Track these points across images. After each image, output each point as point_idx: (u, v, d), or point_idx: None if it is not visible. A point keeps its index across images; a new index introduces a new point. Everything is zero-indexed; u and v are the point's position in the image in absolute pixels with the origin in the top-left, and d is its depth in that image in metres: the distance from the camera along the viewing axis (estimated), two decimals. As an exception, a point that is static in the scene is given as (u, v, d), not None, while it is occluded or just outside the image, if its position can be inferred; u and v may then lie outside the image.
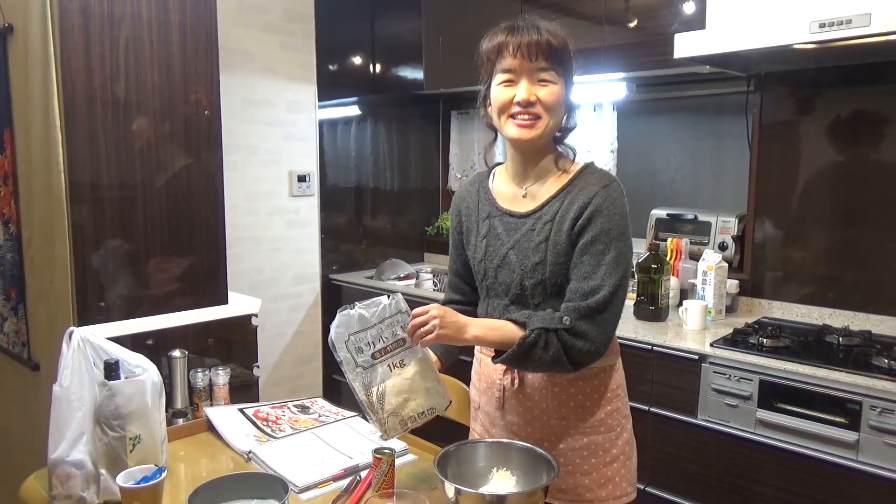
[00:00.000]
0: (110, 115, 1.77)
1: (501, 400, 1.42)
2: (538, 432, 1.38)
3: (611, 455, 1.39)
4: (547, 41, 1.28)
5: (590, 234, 1.29)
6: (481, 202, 1.45)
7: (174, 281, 1.94)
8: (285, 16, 3.02)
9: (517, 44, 1.28)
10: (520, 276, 1.35)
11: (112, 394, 1.33)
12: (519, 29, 1.30)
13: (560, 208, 1.33)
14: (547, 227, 1.33)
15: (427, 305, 1.28)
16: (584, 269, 1.29)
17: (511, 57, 1.29)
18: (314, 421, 1.71)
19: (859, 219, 2.28)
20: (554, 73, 1.30)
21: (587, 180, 1.34)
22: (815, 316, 2.37)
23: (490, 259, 1.40)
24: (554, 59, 1.29)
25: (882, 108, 2.21)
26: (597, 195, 1.30)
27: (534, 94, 1.29)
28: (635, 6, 2.53)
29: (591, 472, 1.37)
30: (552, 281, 1.32)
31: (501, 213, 1.41)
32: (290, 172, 3.13)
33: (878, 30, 1.69)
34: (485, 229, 1.42)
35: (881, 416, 1.76)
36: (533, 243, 1.34)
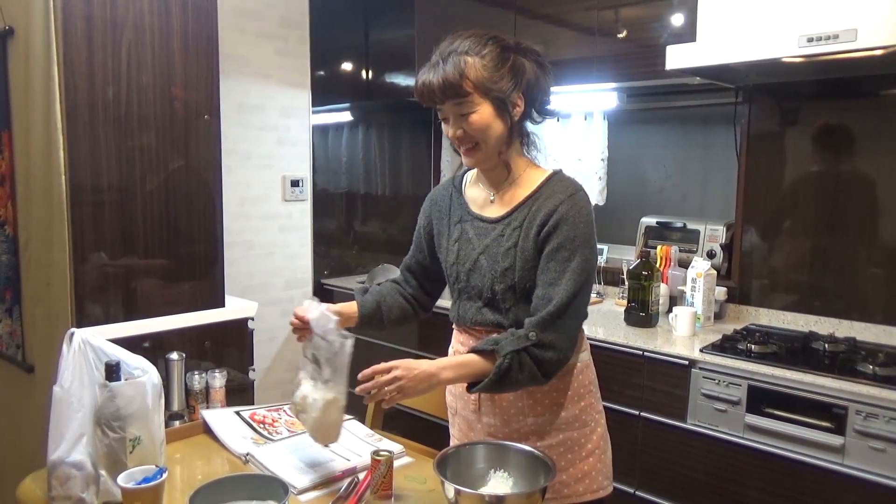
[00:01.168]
0: (111, 119, 1.78)
1: (478, 403, 1.44)
2: (515, 432, 1.41)
3: (586, 450, 1.42)
4: (438, 83, 1.28)
5: (555, 241, 1.31)
6: (453, 206, 1.49)
7: (172, 284, 1.95)
8: (280, 22, 3.03)
9: (421, 90, 1.32)
10: (490, 280, 1.37)
11: (112, 395, 1.33)
12: (424, 72, 1.32)
13: (528, 215, 1.36)
14: (515, 233, 1.37)
15: (388, 363, 1.27)
16: (549, 276, 1.31)
17: (429, 100, 1.33)
18: (310, 424, 1.71)
19: (843, 228, 2.34)
20: (468, 103, 1.29)
21: (554, 188, 1.37)
22: (800, 323, 2.42)
23: (462, 263, 1.43)
24: (453, 94, 1.28)
25: (866, 120, 2.27)
26: (563, 203, 1.33)
27: (460, 129, 1.32)
28: (626, 18, 2.58)
29: (568, 467, 1.41)
30: (521, 286, 1.35)
31: (473, 218, 1.44)
32: (283, 177, 3.14)
33: (863, 45, 1.74)
34: (456, 233, 1.45)
35: (866, 420, 1.80)
36: (502, 249, 1.37)
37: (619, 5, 2.59)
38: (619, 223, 2.97)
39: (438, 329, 2.85)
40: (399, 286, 1.62)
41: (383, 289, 1.59)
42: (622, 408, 2.24)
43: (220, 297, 2.06)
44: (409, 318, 1.60)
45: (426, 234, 1.56)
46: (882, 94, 2.24)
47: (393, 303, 1.57)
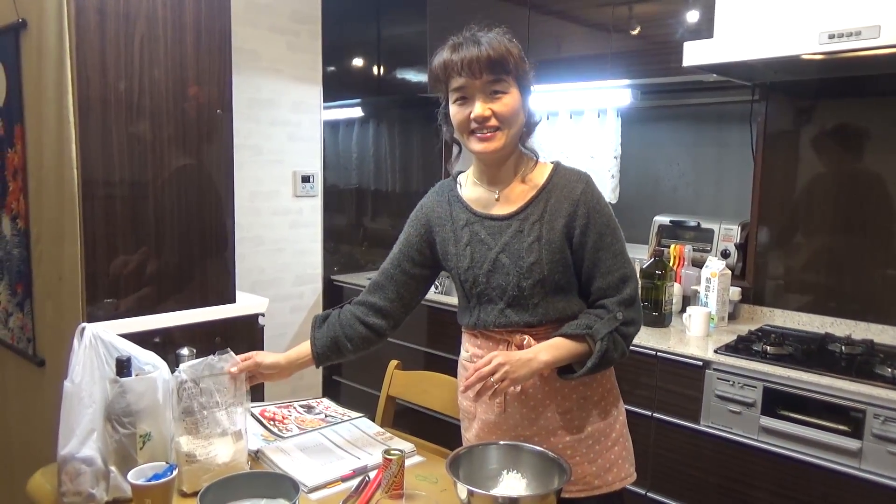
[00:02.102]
0: (123, 113, 1.78)
1: (503, 404, 1.41)
2: (543, 429, 1.39)
3: (611, 439, 1.42)
4: (487, 55, 1.29)
5: (595, 231, 1.34)
6: (455, 211, 1.45)
7: (183, 279, 1.94)
8: (292, 16, 3.02)
9: (459, 62, 1.30)
10: (516, 277, 1.35)
11: (123, 391, 1.33)
12: (460, 46, 1.32)
13: (547, 207, 1.36)
14: (536, 226, 1.36)
15: (488, 355, 1.30)
16: (606, 265, 1.35)
17: (458, 76, 1.31)
18: (320, 421, 1.71)
19: (861, 229, 2.30)
20: (505, 83, 1.31)
21: (566, 178, 1.38)
22: (816, 324, 2.39)
23: (478, 265, 1.39)
24: (500, 70, 1.30)
25: (887, 119, 2.23)
26: (583, 192, 1.36)
27: (488, 109, 1.31)
28: (641, 14, 2.55)
29: (597, 458, 1.40)
30: (551, 279, 1.35)
31: (481, 219, 1.41)
32: (294, 173, 3.13)
33: (887, 42, 1.70)
34: (466, 237, 1.41)
35: (884, 424, 1.77)
36: (525, 244, 1.35)
37: (634, 1, 2.56)
38: (632, 221, 2.94)
39: (449, 327, 2.85)
40: (358, 310, 1.51)
41: (342, 319, 1.51)
42: (634, 408, 2.22)
43: (230, 293, 2.05)
44: (372, 343, 1.52)
45: (421, 243, 1.49)
46: (903, 93, 2.21)
47: (352, 333, 1.49)
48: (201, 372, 1.38)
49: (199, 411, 1.36)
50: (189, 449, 1.34)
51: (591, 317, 1.35)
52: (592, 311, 1.37)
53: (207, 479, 1.28)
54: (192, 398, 1.36)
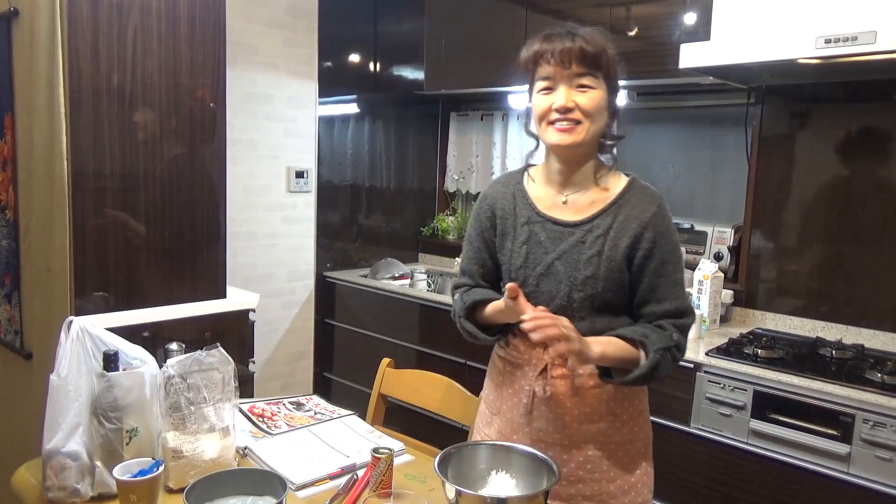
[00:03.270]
0: (115, 105, 1.76)
1: (529, 406, 1.37)
2: (567, 438, 1.35)
3: (635, 462, 1.38)
4: (580, 48, 1.26)
5: (659, 256, 1.31)
6: (518, 206, 1.40)
7: (173, 273, 1.93)
8: (289, 11, 3.01)
9: (551, 51, 1.28)
10: (568, 287, 1.32)
11: (110, 385, 1.31)
12: (554, 36, 1.30)
13: (613, 224, 1.32)
14: (599, 241, 1.32)
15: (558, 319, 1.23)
16: (662, 293, 1.32)
17: (546, 64, 1.29)
18: (310, 418, 1.70)
19: (854, 234, 2.31)
20: (593, 79, 1.28)
21: (639, 197, 1.34)
22: (807, 328, 2.39)
23: (531, 267, 1.36)
24: (590, 65, 1.27)
25: (882, 125, 2.24)
26: (655, 216, 1.32)
27: (572, 100, 1.28)
28: (638, 15, 2.55)
29: (616, 478, 1.36)
30: (602, 296, 1.31)
31: (543, 220, 1.37)
32: (288, 168, 3.12)
33: (883, 47, 1.70)
34: (524, 235, 1.38)
35: (873, 429, 1.77)
36: (584, 256, 1.31)
37: (631, 3, 2.56)
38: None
39: (442, 325, 2.84)
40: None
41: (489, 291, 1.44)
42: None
43: (221, 288, 2.04)
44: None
45: (492, 235, 1.44)
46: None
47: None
48: (189, 367, 1.37)
49: (187, 407, 1.35)
50: (176, 445, 1.33)
51: (647, 327, 1.31)
52: (649, 325, 1.32)
53: (194, 476, 1.27)
54: (179, 394, 1.34)
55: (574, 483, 1.35)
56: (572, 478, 1.35)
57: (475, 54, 3.05)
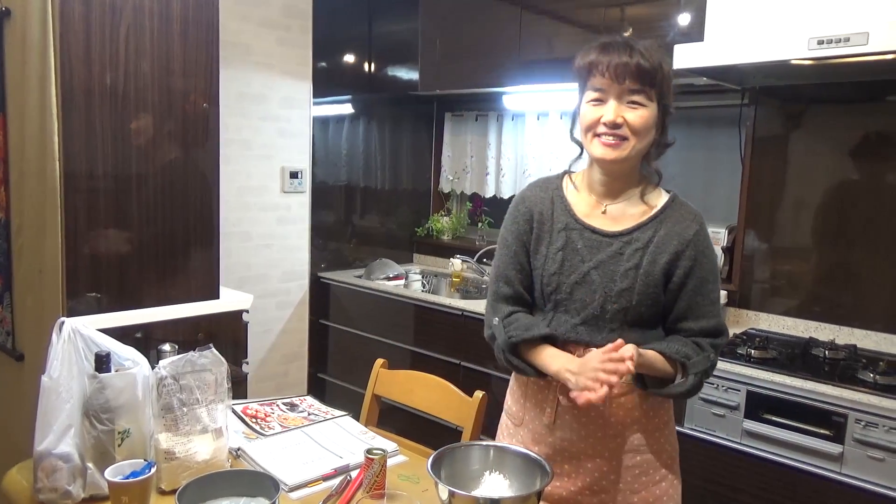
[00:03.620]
0: (108, 105, 1.76)
1: (553, 415, 1.35)
2: (591, 448, 1.33)
3: (660, 474, 1.36)
4: (637, 63, 1.24)
5: (699, 275, 1.31)
6: (556, 211, 1.38)
7: (166, 274, 1.92)
8: (283, 11, 3.00)
9: (606, 64, 1.26)
10: (602, 297, 1.30)
11: (102, 386, 1.31)
12: (611, 48, 1.27)
13: (654, 238, 1.31)
14: (638, 253, 1.31)
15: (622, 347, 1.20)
16: (701, 311, 1.32)
17: (600, 76, 1.27)
18: (303, 419, 1.70)
19: (847, 235, 2.32)
20: (644, 96, 1.27)
21: (680, 213, 1.34)
22: (801, 329, 2.40)
23: (566, 274, 1.33)
24: (645, 82, 1.26)
25: (875, 127, 2.25)
26: (697, 234, 1.32)
27: (621, 116, 1.26)
28: (632, 16, 2.55)
29: (641, 490, 1.34)
30: (636, 310, 1.30)
31: (582, 228, 1.35)
32: (282, 168, 3.11)
33: (875, 49, 1.71)
34: (560, 241, 1.35)
35: (865, 429, 1.78)
36: (621, 268, 1.30)
37: (626, 3, 2.56)
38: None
39: (436, 326, 2.84)
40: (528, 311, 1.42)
41: (532, 319, 1.39)
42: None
43: (214, 289, 2.03)
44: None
45: (529, 238, 1.39)
46: (889, 100, 2.22)
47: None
48: (182, 368, 1.36)
49: (179, 408, 1.34)
50: (168, 446, 1.32)
51: (688, 346, 1.30)
52: (688, 341, 1.31)
53: (186, 477, 1.27)
54: (171, 395, 1.34)
55: (597, 493, 1.34)
56: (596, 488, 1.34)
57: (470, 55, 3.05)
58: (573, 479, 1.35)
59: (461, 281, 3.33)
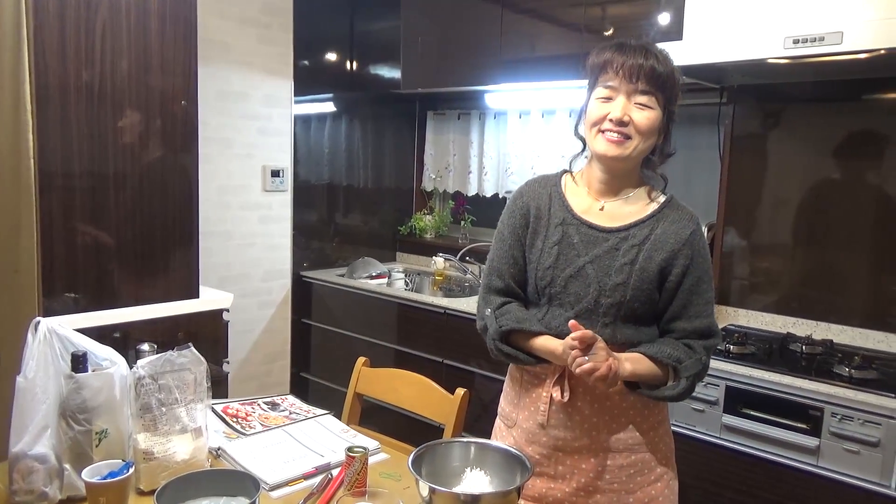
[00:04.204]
0: (84, 103, 1.74)
1: (547, 415, 1.36)
2: (585, 448, 1.34)
3: (655, 474, 1.37)
4: (651, 66, 1.27)
5: (695, 274, 1.32)
6: (554, 206, 1.40)
7: (145, 273, 1.91)
8: (263, 8, 2.99)
9: (621, 63, 1.28)
10: (597, 291, 1.32)
11: (79, 386, 1.29)
12: (627, 49, 1.29)
13: (651, 236, 1.33)
14: (634, 250, 1.32)
15: (601, 351, 1.22)
16: (695, 310, 1.33)
17: (613, 74, 1.29)
18: (285, 418, 1.69)
19: (824, 232, 2.35)
20: (653, 99, 1.29)
21: (678, 213, 1.36)
22: (779, 324, 2.43)
23: (561, 267, 1.35)
24: (655, 85, 1.28)
25: (852, 125, 2.28)
26: (694, 234, 1.34)
27: (628, 115, 1.28)
28: (613, 15, 2.57)
29: (636, 490, 1.35)
30: (630, 305, 1.31)
31: (579, 223, 1.36)
32: (263, 167, 3.10)
33: (849, 48, 1.74)
34: (557, 236, 1.37)
35: (841, 422, 1.81)
36: (617, 263, 1.32)
37: (607, 2, 2.58)
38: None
39: (419, 324, 2.84)
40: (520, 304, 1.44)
41: (530, 313, 1.40)
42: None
43: (194, 288, 2.02)
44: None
45: (525, 233, 1.41)
46: (865, 99, 2.25)
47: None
48: (161, 368, 1.35)
49: (158, 408, 1.33)
50: (147, 446, 1.31)
51: (679, 349, 1.31)
52: (679, 343, 1.32)
53: (165, 477, 1.26)
54: (150, 394, 1.33)
55: (592, 494, 1.35)
56: (591, 488, 1.35)
57: (451, 53, 3.05)
58: (568, 481, 1.35)
59: (444, 279, 3.34)
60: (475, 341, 1.49)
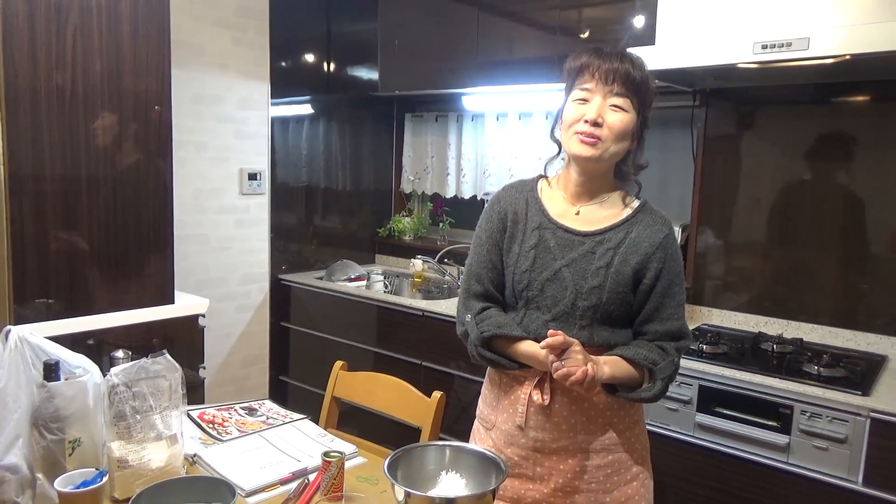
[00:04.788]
0: (55, 106, 1.72)
1: (525, 416, 1.37)
2: (562, 450, 1.36)
3: (631, 473, 1.39)
4: (627, 70, 1.30)
5: (667, 277, 1.35)
6: (530, 211, 1.42)
7: (119, 279, 1.89)
8: (238, 10, 2.97)
9: (598, 67, 1.31)
10: (573, 294, 1.34)
11: (51, 395, 1.28)
12: (604, 54, 1.33)
13: (626, 239, 1.36)
14: (609, 253, 1.35)
15: (577, 355, 1.23)
16: (667, 312, 1.36)
17: (589, 77, 1.32)
18: (261, 423, 1.69)
19: (795, 232, 2.40)
20: (628, 102, 1.31)
21: (651, 218, 1.39)
22: (751, 323, 2.48)
23: (538, 271, 1.37)
24: (630, 89, 1.31)
25: (821, 127, 2.33)
26: (667, 238, 1.37)
27: (602, 116, 1.31)
28: (588, 18, 2.60)
29: (613, 490, 1.37)
30: (606, 308, 1.33)
31: (555, 227, 1.39)
32: (240, 170, 3.08)
33: (815, 53, 1.78)
34: (533, 240, 1.39)
35: (810, 420, 1.85)
36: (593, 266, 1.34)
37: (582, 5, 2.60)
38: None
39: (398, 327, 2.84)
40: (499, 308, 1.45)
41: (510, 318, 1.41)
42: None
43: (169, 293, 2.00)
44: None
45: (501, 238, 1.43)
46: (833, 102, 2.30)
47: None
48: (135, 375, 1.34)
49: (133, 415, 1.32)
50: (121, 454, 1.30)
51: (654, 351, 1.34)
52: (653, 345, 1.35)
53: (140, 485, 1.25)
54: (124, 402, 1.32)
55: (570, 494, 1.36)
56: (569, 488, 1.36)
57: (428, 56, 3.06)
58: (546, 482, 1.37)
59: (423, 281, 3.34)
60: (454, 343, 1.51)
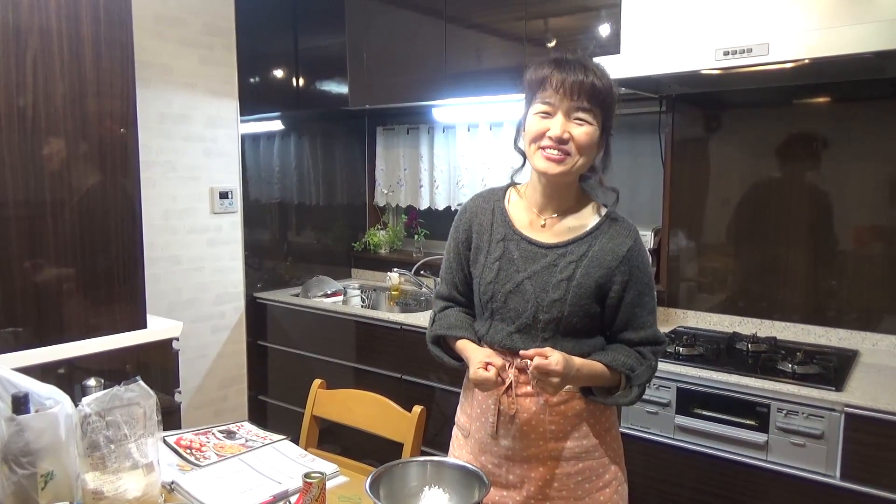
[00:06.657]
0: (16, 131, 1.68)
1: (496, 425, 1.38)
2: (534, 457, 1.36)
3: (603, 480, 1.39)
4: (591, 83, 1.28)
5: (635, 289, 1.35)
6: (496, 222, 1.43)
7: (89, 305, 1.85)
8: (204, 29, 2.95)
9: (561, 81, 1.28)
10: (534, 307, 1.34)
11: (21, 429, 1.25)
12: (565, 65, 1.30)
13: (588, 253, 1.35)
14: (571, 266, 1.34)
15: (548, 352, 1.23)
16: (640, 321, 1.37)
17: (553, 91, 1.29)
18: (241, 446, 1.66)
19: (764, 232, 2.44)
20: (591, 115, 1.30)
21: (616, 229, 1.38)
22: (726, 324, 2.51)
23: (501, 283, 1.37)
24: (595, 101, 1.29)
25: (786, 128, 2.38)
26: (631, 250, 1.36)
27: (567, 132, 1.29)
28: (555, 28, 2.62)
29: (584, 497, 1.37)
30: (568, 320, 1.33)
31: (519, 239, 1.39)
32: (211, 189, 3.05)
33: (775, 58, 1.82)
34: (498, 252, 1.39)
35: (787, 417, 1.88)
36: (554, 279, 1.34)
37: (548, 15, 2.63)
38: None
39: (377, 341, 2.83)
40: (462, 308, 1.51)
41: (464, 318, 1.47)
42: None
43: (141, 318, 1.96)
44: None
45: (466, 248, 1.46)
46: (795, 103, 2.36)
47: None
48: (108, 404, 1.31)
49: (107, 445, 1.29)
50: (96, 486, 1.27)
51: (632, 356, 1.35)
52: (632, 351, 1.36)
53: None
54: (98, 432, 1.29)
55: (542, 501, 1.36)
56: (540, 496, 1.36)
57: (398, 69, 3.07)
58: (519, 489, 1.37)
59: (400, 294, 3.33)
60: (433, 356, 1.51)
